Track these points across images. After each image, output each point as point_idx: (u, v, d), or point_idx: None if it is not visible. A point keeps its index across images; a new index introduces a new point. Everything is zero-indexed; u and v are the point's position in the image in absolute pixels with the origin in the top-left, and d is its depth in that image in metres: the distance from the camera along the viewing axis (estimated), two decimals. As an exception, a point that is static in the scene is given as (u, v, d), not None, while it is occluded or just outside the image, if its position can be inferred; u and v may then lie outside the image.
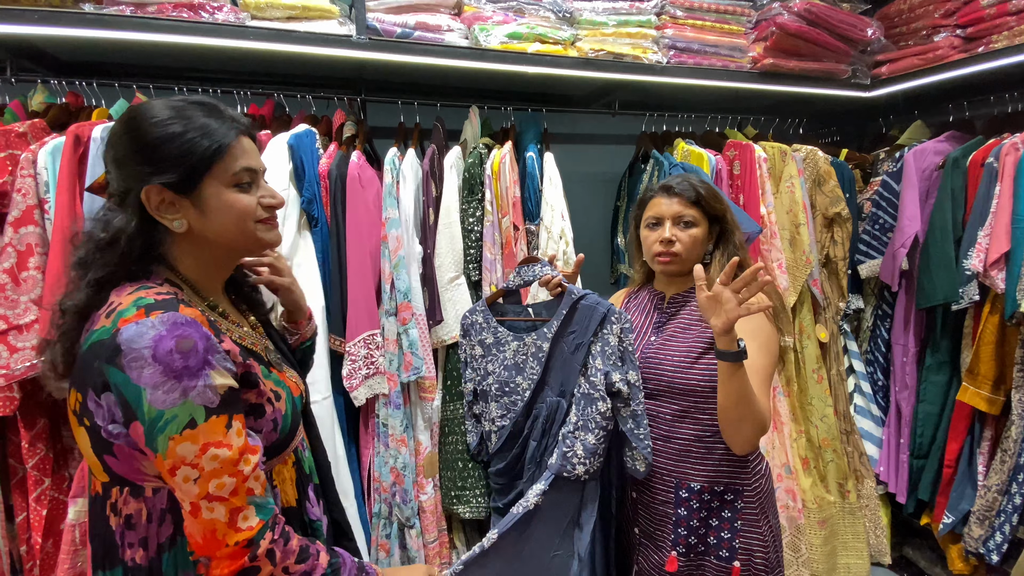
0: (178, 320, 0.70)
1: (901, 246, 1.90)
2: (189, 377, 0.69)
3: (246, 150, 0.81)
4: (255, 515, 0.73)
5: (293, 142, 1.45)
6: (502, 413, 1.28)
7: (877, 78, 2.08)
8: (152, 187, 0.75)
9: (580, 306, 1.21)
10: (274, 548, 0.74)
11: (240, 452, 0.73)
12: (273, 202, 0.83)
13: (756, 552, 1.17)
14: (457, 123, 1.90)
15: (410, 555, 1.63)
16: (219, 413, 0.71)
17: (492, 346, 1.30)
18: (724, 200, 1.26)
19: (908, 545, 2.16)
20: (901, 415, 2.02)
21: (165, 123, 0.75)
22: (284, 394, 0.84)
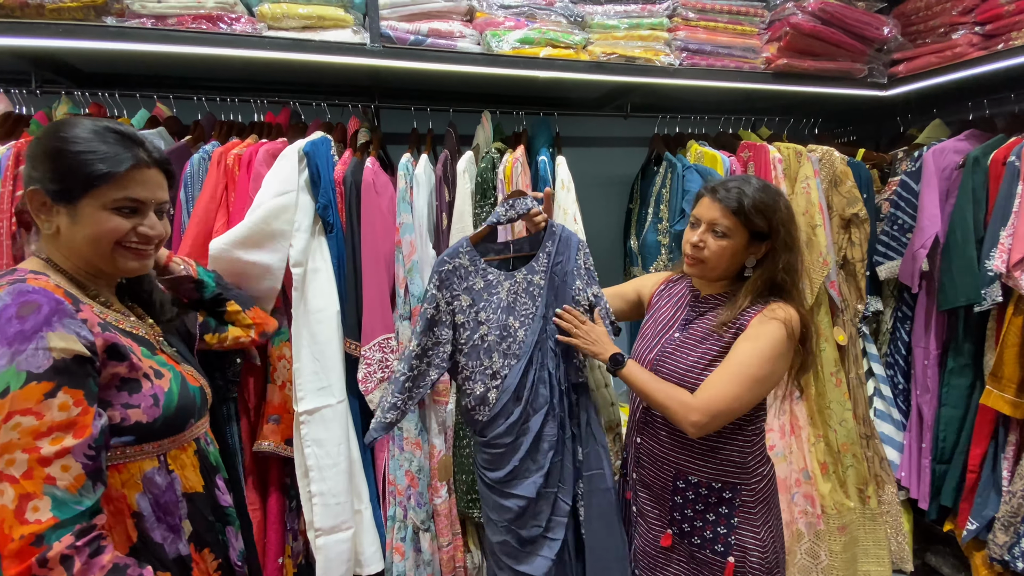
0: (24, 288, 0.73)
1: (921, 247, 1.87)
2: (21, 340, 0.68)
3: (141, 182, 0.83)
4: (48, 509, 0.66)
5: (309, 149, 1.47)
6: (503, 362, 1.20)
7: (894, 77, 2.05)
8: (37, 190, 0.80)
9: (562, 236, 1.31)
10: (73, 556, 0.66)
11: (50, 427, 0.67)
12: (149, 232, 0.85)
13: (752, 551, 1.16)
14: (469, 128, 1.92)
15: (424, 558, 1.64)
16: (42, 380, 0.68)
17: (483, 291, 1.23)
18: (778, 215, 1.14)
19: (931, 552, 2.11)
20: (923, 419, 1.98)
21: (70, 139, 0.80)
22: (168, 374, 0.86)
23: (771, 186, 1.19)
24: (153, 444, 0.83)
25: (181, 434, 0.87)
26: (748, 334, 1.12)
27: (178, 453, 0.88)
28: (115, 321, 0.85)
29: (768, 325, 1.11)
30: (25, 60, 1.49)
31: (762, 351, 1.10)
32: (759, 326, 1.12)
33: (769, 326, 1.11)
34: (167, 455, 0.85)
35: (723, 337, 1.16)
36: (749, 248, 1.17)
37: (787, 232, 1.16)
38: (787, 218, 1.16)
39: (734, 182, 1.17)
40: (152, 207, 0.85)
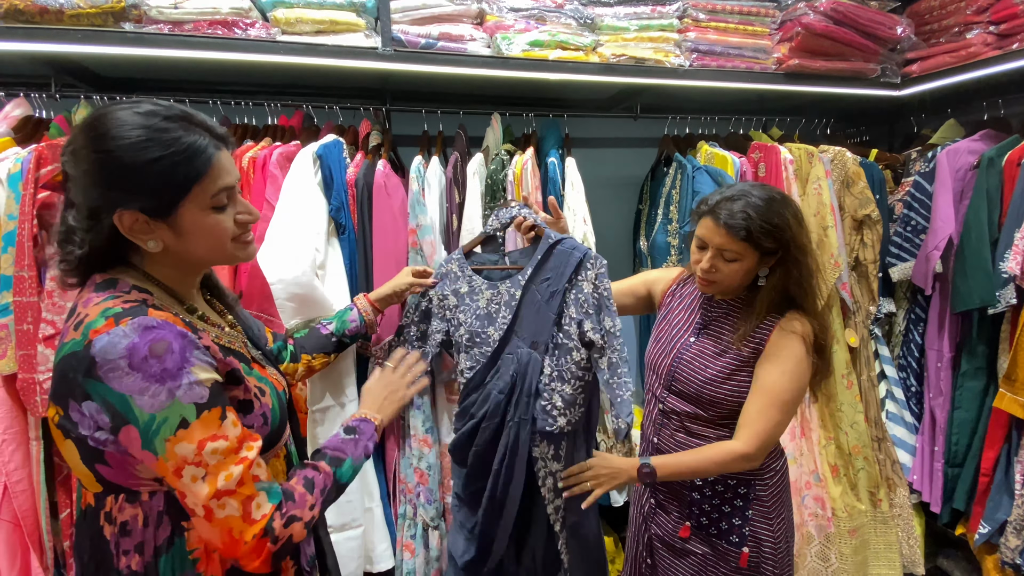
0: (148, 324, 0.69)
1: (935, 248, 1.85)
2: (171, 378, 0.68)
3: (224, 167, 0.77)
4: (267, 501, 0.74)
5: (322, 152, 1.49)
6: (471, 365, 1.23)
7: (907, 76, 2.03)
8: (127, 212, 0.72)
9: (556, 251, 1.17)
10: (292, 514, 0.76)
11: (240, 441, 0.73)
12: (248, 218, 0.82)
13: (765, 542, 1.20)
14: (479, 130, 1.93)
15: (432, 555, 1.65)
16: (211, 407, 0.71)
17: (466, 295, 1.26)
18: (786, 229, 1.11)
19: (942, 555, 2.10)
20: (935, 422, 1.96)
21: (140, 146, 0.69)
22: (268, 389, 0.85)
23: (775, 197, 1.13)
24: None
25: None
26: (771, 353, 1.12)
27: (274, 461, 0.88)
28: (216, 338, 0.81)
29: (789, 343, 1.12)
30: (45, 65, 1.53)
31: (791, 373, 1.11)
32: (780, 344, 1.12)
33: (791, 344, 1.12)
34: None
35: (742, 352, 1.16)
36: (761, 262, 1.15)
37: (797, 243, 1.13)
38: (796, 228, 1.13)
39: (738, 202, 1.10)
40: (237, 191, 0.80)
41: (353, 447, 0.91)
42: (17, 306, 1.30)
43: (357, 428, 0.95)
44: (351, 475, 0.89)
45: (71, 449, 0.73)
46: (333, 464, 0.87)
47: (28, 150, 1.34)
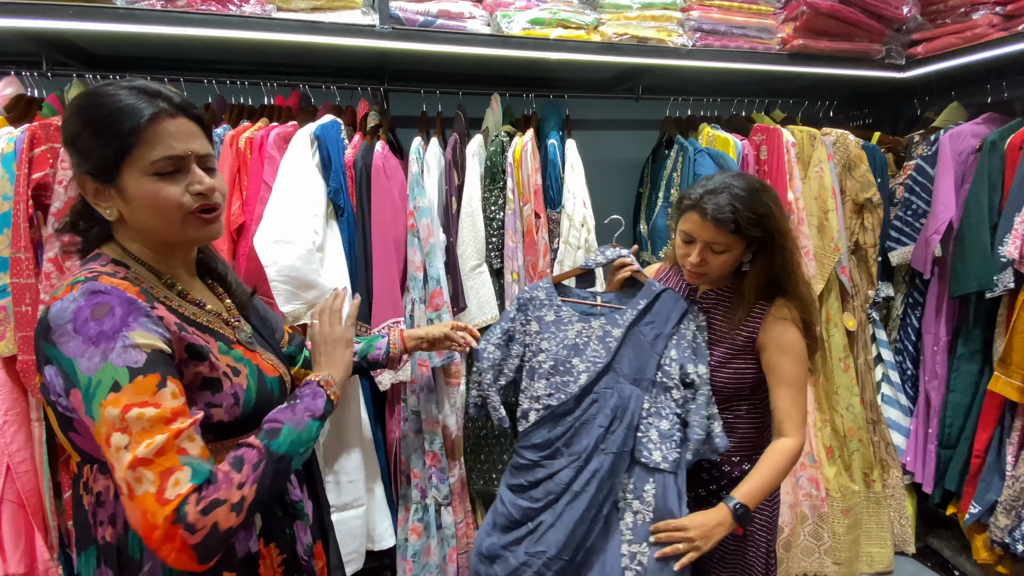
0: (95, 288, 0.70)
1: (935, 232, 1.85)
2: (106, 340, 0.68)
3: (170, 134, 0.75)
4: (187, 479, 0.67)
5: (319, 132, 1.48)
6: (550, 392, 1.26)
7: (912, 58, 2.01)
8: (83, 177, 0.75)
9: (663, 297, 1.26)
10: (214, 498, 0.68)
11: (174, 413, 0.69)
12: (199, 188, 0.77)
13: (760, 512, 1.25)
14: (479, 111, 1.90)
15: (447, 533, 1.67)
16: (146, 373, 0.68)
17: (552, 324, 1.31)
18: (771, 217, 1.13)
19: (933, 535, 2.14)
20: (930, 405, 1.98)
21: (85, 110, 0.73)
22: (246, 370, 0.83)
23: (756, 187, 1.14)
24: (232, 440, 0.81)
25: (257, 429, 0.83)
26: (775, 345, 1.17)
27: None
28: (193, 315, 0.81)
29: (787, 330, 1.17)
30: (36, 42, 1.49)
31: (799, 357, 1.17)
32: (779, 333, 1.17)
33: (788, 332, 1.17)
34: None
35: (736, 340, 1.20)
36: (747, 251, 1.18)
37: (780, 230, 1.15)
38: (779, 214, 1.15)
39: (722, 195, 1.11)
40: (192, 160, 0.77)
41: (290, 413, 0.82)
42: (15, 288, 1.29)
43: (297, 393, 0.87)
44: (290, 445, 0.79)
45: (52, 414, 0.76)
46: (267, 437, 0.77)
47: (21, 129, 1.33)
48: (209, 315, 0.85)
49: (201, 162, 0.79)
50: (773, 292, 1.20)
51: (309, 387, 0.89)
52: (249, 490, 0.72)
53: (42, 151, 1.31)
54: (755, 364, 1.21)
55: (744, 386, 1.23)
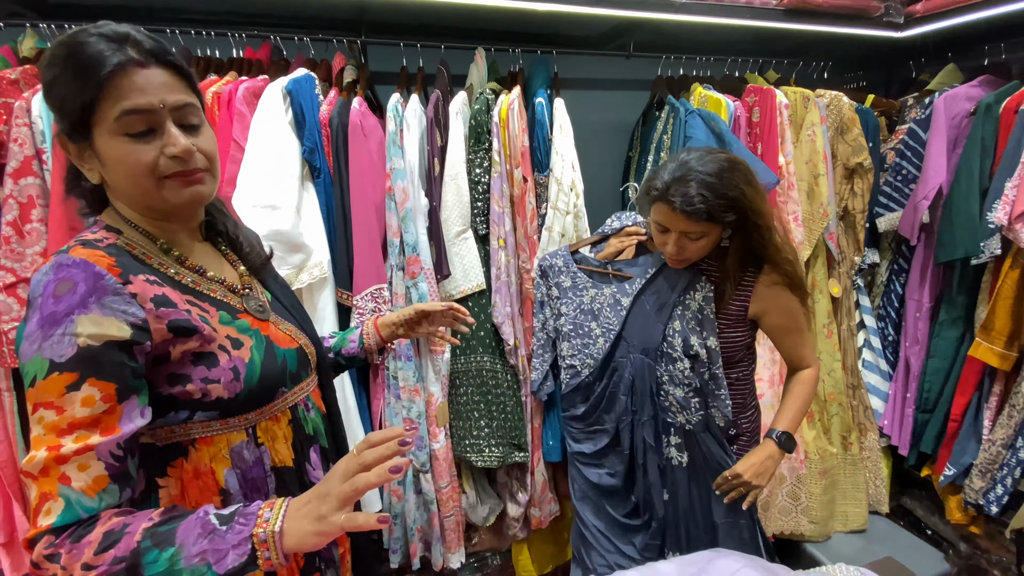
0: (63, 262, 0.64)
1: (924, 198, 1.83)
2: (52, 324, 0.61)
3: (137, 85, 0.65)
4: (55, 515, 0.59)
5: (292, 87, 1.40)
6: (572, 353, 1.39)
7: (911, 16, 1.94)
8: (61, 136, 0.69)
9: (668, 268, 1.27)
10: (58, 552, 0.60)
11: (71, 424, 0.60)
12: (172, 151, 0.68)
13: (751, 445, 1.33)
14: (462, 67, 1.82)
15: (427, 498, 1.69)
16: (64, 370, 0.61)
17: (569, 289, 1.40)
18: (742, 199, 1.09)
19: (906, 495, 2.21)
20: (910, 370, 2.01)
21: (55, 60, 0.65)
22: (250, 341, 0.76)
23: (724, 167, 1.09)
24: (239, 418, 0.75)
25: (271, 404, 0.78)
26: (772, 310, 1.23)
27: (270, 424, 0.79)
28: (192, 283, 0.75)
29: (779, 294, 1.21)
30: (-19, -14, 1.38)
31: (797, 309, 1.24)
32: (774, 298, 1.21)
33: (781, 295, 1.22)
34: (257, 427, 0.77)
35: (728, 312, 1.24)
36: (725, 231, 1.18)
37: (754, 208, 1.12)
38: (751, 193, 1.11)
39: (690, 184, 1.07)
40: (167, 116, 0.68)
41: (195, 541, 0.60)
42: None
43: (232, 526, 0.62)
44: (163, 569, 0.59)
45: None
46: (154, 543, 0.60)
47: (-32, 82, 1.23)
48: (210, 283, 0.78)
49: (180, 117, 0.69)
50: (758, 262, 1.21)
51: (240, 534, 0.61)
52: (94, 574, 0.59)
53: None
54: (744, 332, 1.25)
55: (736, 354, 1.27)
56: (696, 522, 1.31)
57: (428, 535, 1.71)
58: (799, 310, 1.24)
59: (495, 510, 1.81)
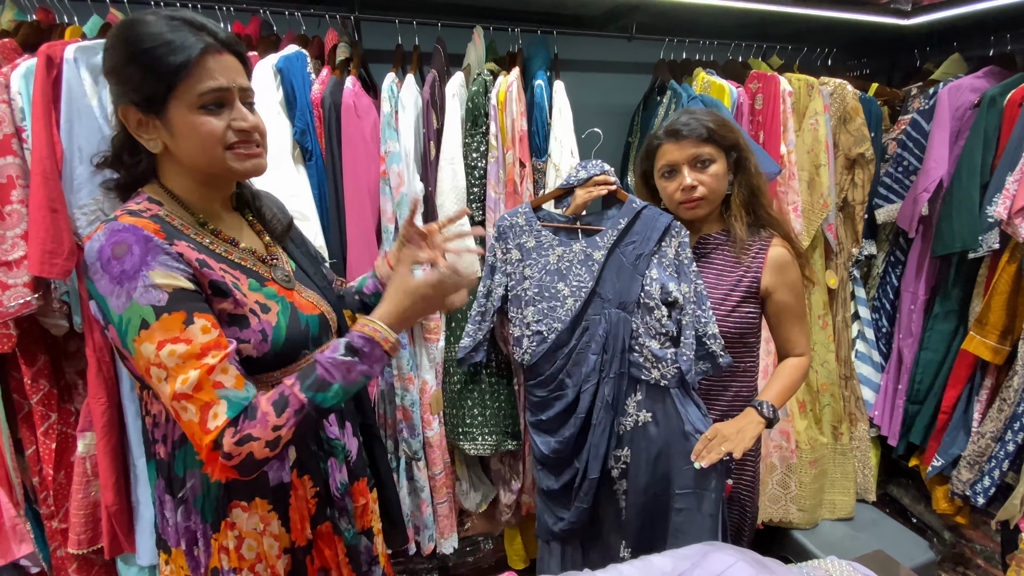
0: (115, 228, 0.73)
1: (924, 190, 1.82)
2: (128, 280, 0.71)
3: (217, 68, 0.76)
4: (224, 412, 0.73)
5: (282, 65, 1.34)
6: (538, 318, 1.28)
7: (918, 4, 1.90)
8: (127, 107, 0.76)
9: (642, 215, 1.22)
10: (248, 432, 0.73)
11: (204, 348, 0.73)
12: (243, 125, 0.79)
13: (746, 471, 1.31)
14: (460, 46, 1.76)
15: (418, 485, 1.68)
16: (171, 311, 0.72)
17: (533, 250, 1.30)
18: (734, 126, 1.21)
19: (893, 484, 2.24)
20: (902, 362, 2.02)
21: (134, 40, 0.73)
22: (277, 307, 0.84)
23: (709, 108, 1.23)
24: (266, 375, 0.84)
25: (294, 364, 0.86)
26: (781, 285, 1.21)
27: None
28: (224, 253, 0.83)
29: (787, 269, 1.20)
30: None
31: (801, 291, 1.23)
32: (783, 272, 1.20)
33: (790, 271, 1.21)
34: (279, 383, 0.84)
35: (741, 284, 1.22)
36: (727, 165, 1.21)
37: (742, 142, 1.21)
38: (742, 139, 1.22)
39: (683, 118, 1.19)
40: (236, 95, 0.79)
41: (345, 372, 0.79)
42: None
43: (361, 351, 0.80)
44: (337, 401, 0.79)
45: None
46: (315, 388, 0.77)
47: (-61, 53, 1.17)
48: (242, 252, 0.87)
49: (244, 97, 0.81)
50: (757, 220, 1.23)
51: (376, 351, 0.82)
52: (286, 432, 0.76)
53: (-34, 78, 1.17)
54: (758, 310, 1.24)
55: (750, 331, 1.25)
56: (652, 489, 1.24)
57: (418, 521, 1.71)
58: (802, 291, 1.24)
59: (488, 496, 1.81)
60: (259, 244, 0.92)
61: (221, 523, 0.84)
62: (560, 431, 1.31)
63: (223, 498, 0.83)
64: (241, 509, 0.84)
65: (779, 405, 1.18)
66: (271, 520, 0.86)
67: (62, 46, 1.22)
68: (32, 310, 1.24)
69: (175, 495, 0.84)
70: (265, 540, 0.86)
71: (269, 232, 0.95)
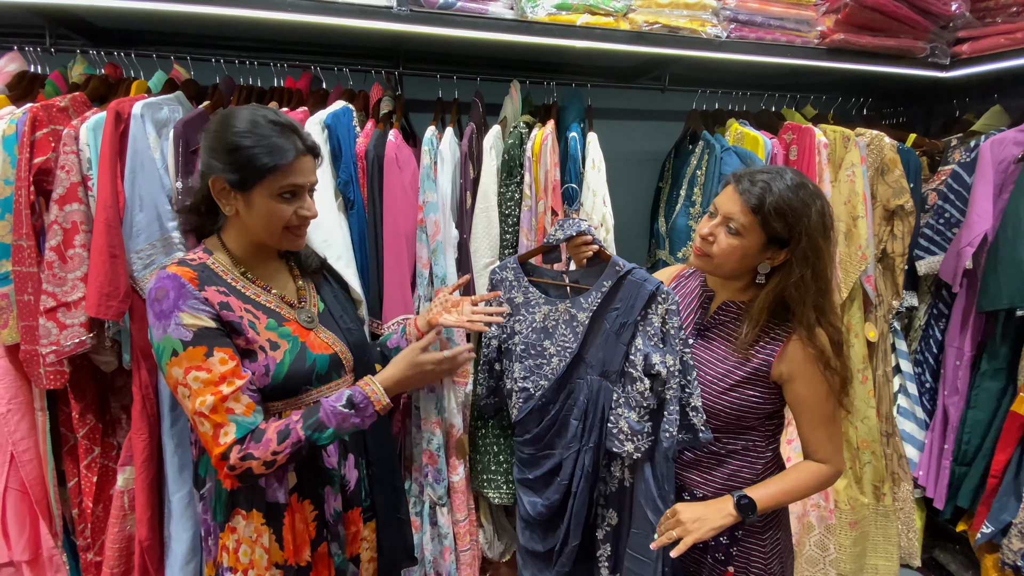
0: (161, 275, 0.94)
1: (968, 244, 1.77)
2: (164, 317, 0.91)
3: (300, 170, 0.96)
4: (233, 433, 0.91)
5: (330, 121, 1.41)
6: (525, 375, 1.27)
7: (957, 57, 1.90)
8: (219, 178, 0.95)
9: (626, 281, 1.15)
10: (249, 452, 0.91)
11: (222, 376, 0.91)
12: (307, 214, 0.99)
13: (754, 563, 1.15)
14: (497, 96, 1.82)
15: (441, 531, 1.67)
16: (195, 344, 0.90)
17: (521, 306, 1.29)
18: (804, 222, 1.01)
19: (939, 548, 2.12)
20: (948, 420, 1.94)
21: (242, 134, 0.92)
22: (286, 346, 0.99)
23: (808, 186, 1.03)
24: (270, 404, 0.99)
25: (295, 398, 1.01)
26: (799, 376, 1.07)
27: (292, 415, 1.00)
28: (254, 295, 1.00)
29: (810, 361, 1.06)
30: (39, 16, 1.43)
31: (828, 391, 1.07)
32: (802, 364, 1.07)
33: (806, 359, 1.06)
34: (282, 414, 1.00)
35: (749, 361, 1.10)
36: (764, 252, 1.06)
37: (811, 243, 1.01)
38: (816, 227, 1.02)
39: (765, 175, 1.03)
40: (307, 190, 0.99)
41: (341, 421, 0.97)
42: (17, 276, 1.25)
43: (359, 406, 0.98)
44: (329, 441, 0.98)
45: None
46: (314, 428, 0.95)
47: (23, 110, 1.27)
48: (270, 296, 1.03)
49: (310, 189, 1.01)
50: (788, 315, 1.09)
51: (370, 409, 1.00)
52: (283, 458, 0.93)
53: (44, 134, 1.26)
54: (765, 396, 1.10)
55: (747, 416, 1.11)
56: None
57: (440, 568, 1.69)
58: (826, 390, 1.06)
59: (511, 547, 1.78)
60: (291, 288, 1.09)
61: (226, 525, 1.01)
62: (546, 493, 1.27)
63: (229, 503, 1.00)
64: (241, 516, 1.00)
65: (764, 508, 1.06)
66: (263, 532, 1.00)
67: (130, 103, 1.31)
68: (86, 349, 1.29)
69: (199, 490, 1.05)
70: (256, 550, 1.00)
71: (302, 268, 1.13)
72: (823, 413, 1.08)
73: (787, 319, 1.09)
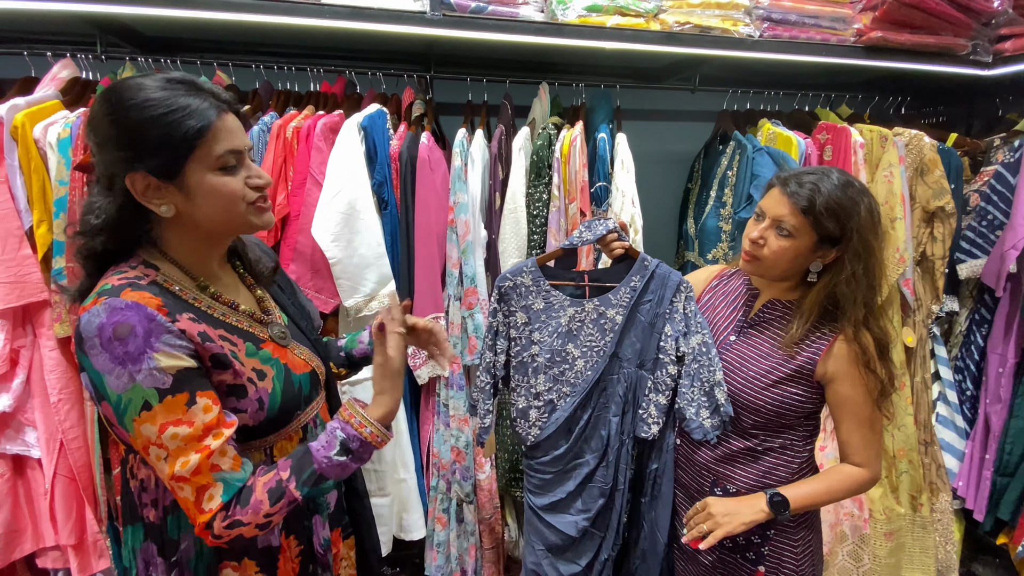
0: (116, 306, 0.70)
1: (1012, 247, 1.71)
2: (132, 362, 0.69)
3: (230, 129, 0.76)
4: (219, 494, 0.74)
5: (366, 124, 1.45)
6: (549, 386, 1.21)
7: (1000, 54, 1.83)
8: (136, 174, 0.72)
9: (657, 274, 1.21)
10: (237, 519, 0.75)
11: (206, 428, 0.73)
12: (260, 182, 0.80)
13: (786, 563, 1.14)
14: (526, 99, 1.84)
15: (468, 528, 1.69)
16: (175, 392, 0.71)
17: (541, 312, 1.21)
18: (854, 220, 1.01)
19: (978, 562, 2.04)
20: (990, 429, 1.87)
21: (143, 106, 0.71)
22: (272, 372, 0.83)
23: (855, 184, 1.03)
24: (259, 441, 0.84)
25: (287, 427, 0.86)
26: (844, 377, 1.07)
27: (284, 444, 0.87)
28: (222, 316, 0.82)
29: (851, 357, 1.06)
30: (91, 25, 1.50)
31: (861, 387, 1.07)
32: (843, 359, 1.06)
33: (853, 359, 1.06)
34: (273, 448, 0.86)
35: (793, 359, 1.09)
36: (816, 252, 1.06)
37: (862, 240, 1.02)
38: (866, 224, 1.02)
39: (811, 175, 1.03)
40: (247, 154, 0.80)
41: (340, 471, 0.81)
42: (70, 272, 1.32)
43: (356, 452, 0.81)
44: (329, 491, 0.87)
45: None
46: (311, 484, 0.79)
47: (76, 114, 1.34)
48: (240, 315, 0.84)
49: (249, 156, 0.81)
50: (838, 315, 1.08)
51: (367, 452, 0.84)
52: (278, 518, 0.78)
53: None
54: (807, 394, 1.10)
55: (787, 414, 1.11)
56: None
57: (466, 564, 1.70)
58: (870, 394, 1.06)
59: (538, 545, 1.79)
60: (253, 301, 0.91)
61: None
62: (580, 506, 1.23)
63: (215, 560, 0.84)
64: (232, 569, 0.84)
65: (797, 507, 1.06)
66: None
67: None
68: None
69: (168, 558, 0.82)
70: None
71: (255, 276, 0.94)
72: (864, 415, 1.07)
73: (834, 319, 1.09)
